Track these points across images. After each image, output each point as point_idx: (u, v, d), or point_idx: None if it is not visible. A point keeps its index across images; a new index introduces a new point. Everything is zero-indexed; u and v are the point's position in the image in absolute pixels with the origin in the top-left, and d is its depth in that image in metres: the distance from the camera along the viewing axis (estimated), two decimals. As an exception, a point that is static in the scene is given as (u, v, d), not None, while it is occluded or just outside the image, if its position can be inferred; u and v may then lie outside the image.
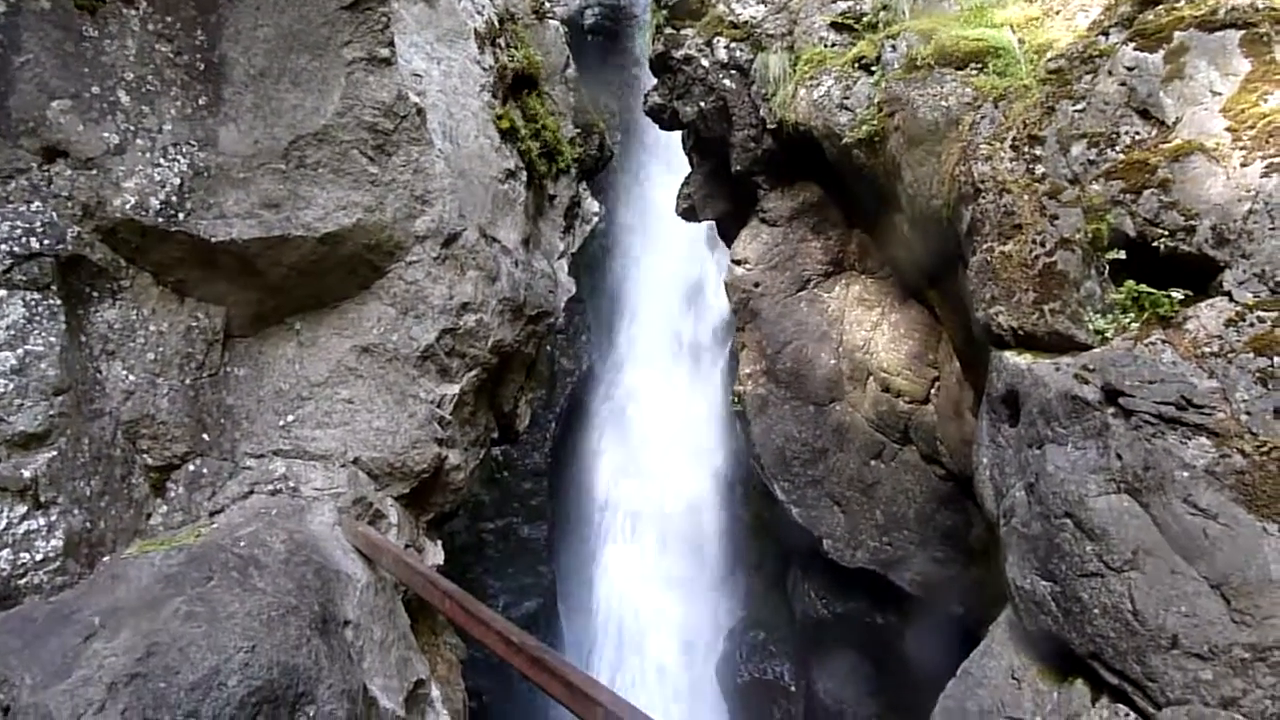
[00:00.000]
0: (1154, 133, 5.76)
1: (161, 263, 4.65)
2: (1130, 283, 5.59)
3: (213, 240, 4.65)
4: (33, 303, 4.07)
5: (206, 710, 3.18)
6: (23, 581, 3.75)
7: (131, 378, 4.58)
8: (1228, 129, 5.52)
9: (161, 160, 4.51)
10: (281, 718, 3.32)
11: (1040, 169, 6.09)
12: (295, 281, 4.96)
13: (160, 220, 4.49)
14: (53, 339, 4.09)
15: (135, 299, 4.71)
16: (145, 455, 4.62)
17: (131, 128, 4.43)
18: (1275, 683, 4.37)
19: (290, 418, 4.99)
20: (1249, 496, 4.70)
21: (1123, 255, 5.75)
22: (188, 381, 4.75)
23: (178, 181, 4.56)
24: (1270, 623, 4.44)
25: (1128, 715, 4.80)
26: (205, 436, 4.77)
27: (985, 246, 6.19)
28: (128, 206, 4.40)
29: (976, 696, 5.44)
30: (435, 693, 4.77)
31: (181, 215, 4.57)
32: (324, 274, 5.02)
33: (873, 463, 9.92)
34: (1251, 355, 5.01)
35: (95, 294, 4.49)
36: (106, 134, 4.36)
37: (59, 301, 4.18)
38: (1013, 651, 5.56)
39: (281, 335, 5.14)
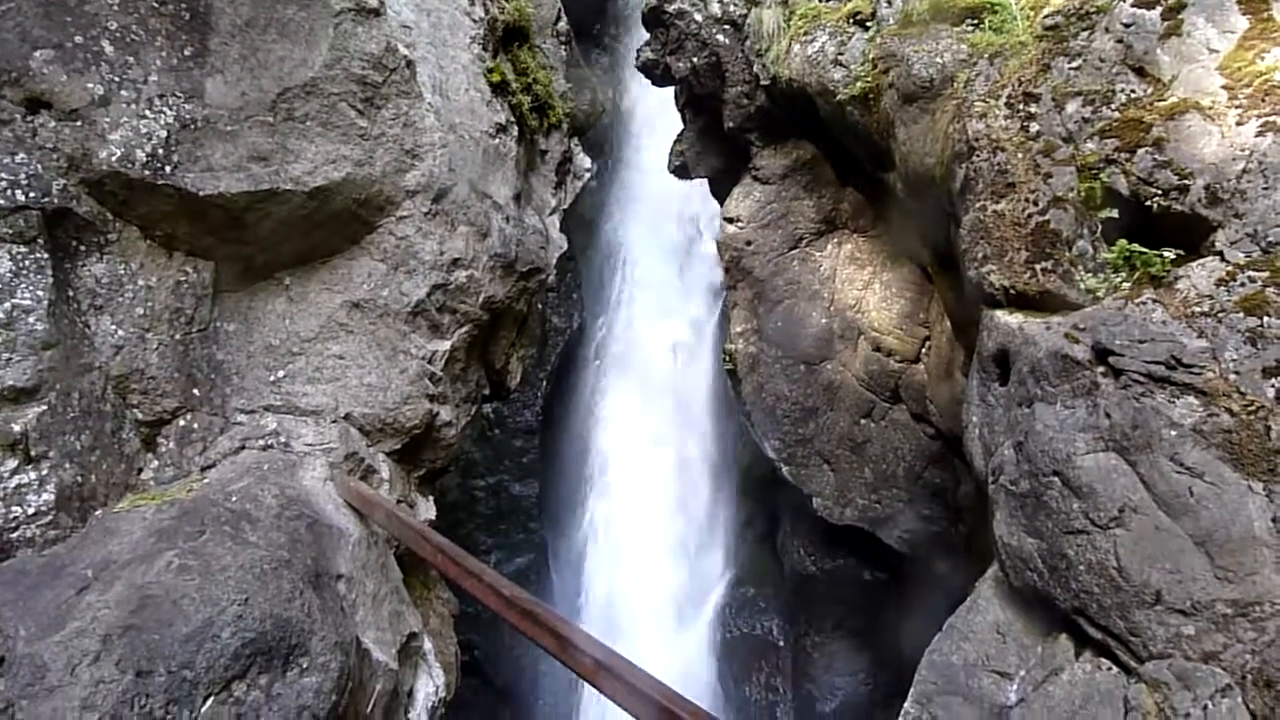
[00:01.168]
0: (1149, 91, 5.73)
1: (149, 216, 4.60)
2: (1122, 242, 5.59)
3: (200, 194, 4.60)
4: (19, 256, 4.03)
5: (200, 661, 3.21)
6: (15, 535, 3.75)
7: (120, 332, 4.55)
8: (1224, 87, 5.49)
9: (147, 112, 4.44)
10: (275, 669, 3.35)
11: (1035, 127, 6.05)
12: (285, 236, 4.92)
13: (147, 173, 4.43)
14: (40, 293, 4.05)
15: (123, 253, 4.66)
16: (135, 410, 4.60)
17: (116, 79, 4.36)
18: (1256, 637, 4.44)
19: (281, 373, 4.97)
20: (1235, 455, 4.74)
21: (1115, 214, 5.74)
22: (177, 336, 4.72)
23: (164, 134, 4.50)
24: (1252, 579, 4.51)
25: (1110, 669, 4.88)
26: (195, 392, 4.76)
27: (978, 205, 6.17)
28: (113, 159, 4.34)
29: (962, 650, 5.52)
30: (428, 645, 4.82)
31: (168, 168, 4.51)
32: (314, 229, 4.97)
33: (863, 421, 9.97)
34: (1241, 315, 5.02)
35: (82, 248, 4.45)
36: (91, 85, 4.29)
37: (46, 255, 4.14)
38: (998, 607, 5.64)
39: (271, 290, 5.10)
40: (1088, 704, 4.75)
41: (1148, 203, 5.64)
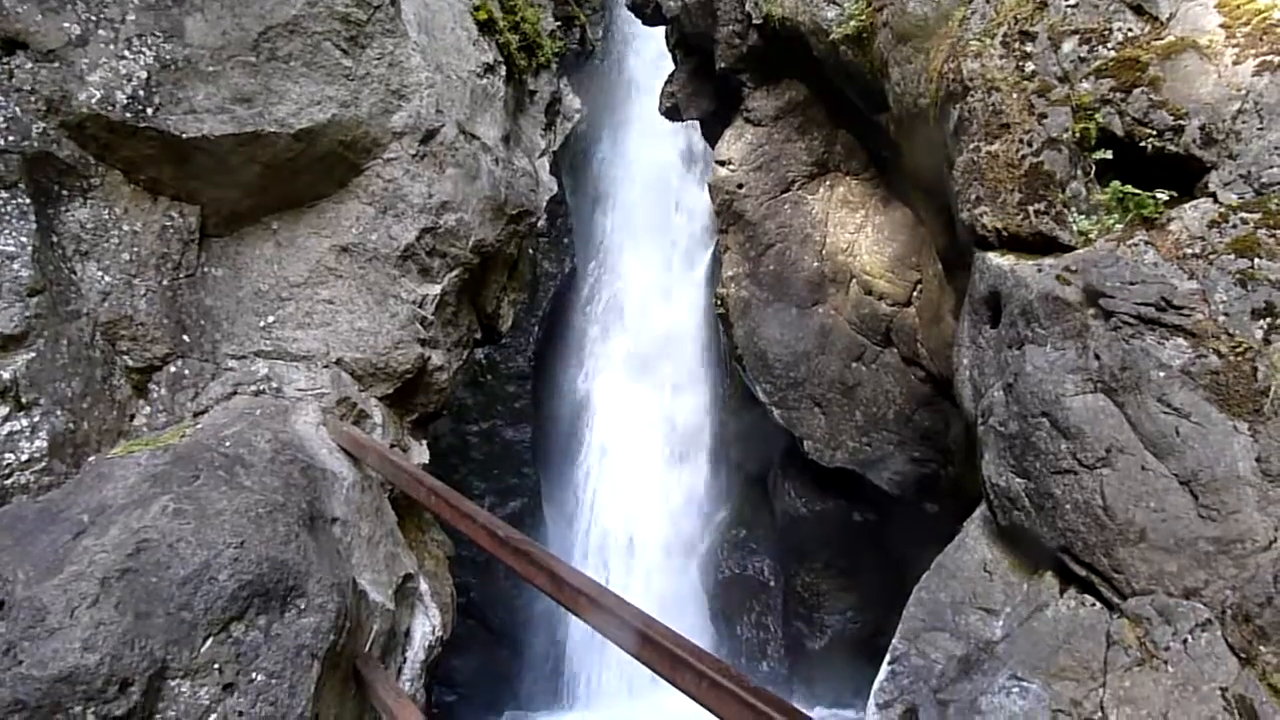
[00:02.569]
0: (1146, 29, 5.65)
1: (132, 160, 4.54)
2: (1116, 183, 5.56)
3: (183, 136, 4.53)
4: (0, 202, 3.98)
5: (199, 603, 3.25)
6: (9, 482, 3.77)
7: (107, 278, 4.52)
8: (1221, 25, 5.43)
9: (126, 52, 4.35)
10: (273, 610, 3.39)
11: (1030, 66, 5.98)
12: (271, 180, 4.86)
13: (128, 115, 4.36)
14: (24, 239, 4.01)
15: (107, 198, 4.61)
16: (125, 357, 4.59)
17: (93, 18, 4.26)
18: (1237, 573, 4.53)
19: (271, 318, 4.95)
20: (1222, 396, 4.79)
21: (1110, 155, 5.70)
22: (165, 282, 4.69)
23: (144, 75, 4.41)
24: (1235, 517, 4.59)
25: (1094, 605, 4.98)
26: (185, 338, 4.74)
27: (972, 146, 6.12)
28: (93, 101, 4.26)
29: (949, 588, 5.62)
30: (424, 587, 4.88)
31: (150, 110, 4.43)
32: (300, 172, 4.91)
33: (854, 365, 10.01)
34: (1233, 256, 5.03)
35: (65, 193, 4.39)
36: (67, 24, 4.19)
37: (28, 200, 4.08)
38: (986, 546, 5.73)
39: (259, 235, 5.06)
40: (1071, 638, 4.86)
41: (1142, 144, 5.60)
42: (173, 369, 4.71)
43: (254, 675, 3.28)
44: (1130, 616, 4.77)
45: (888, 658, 5.58)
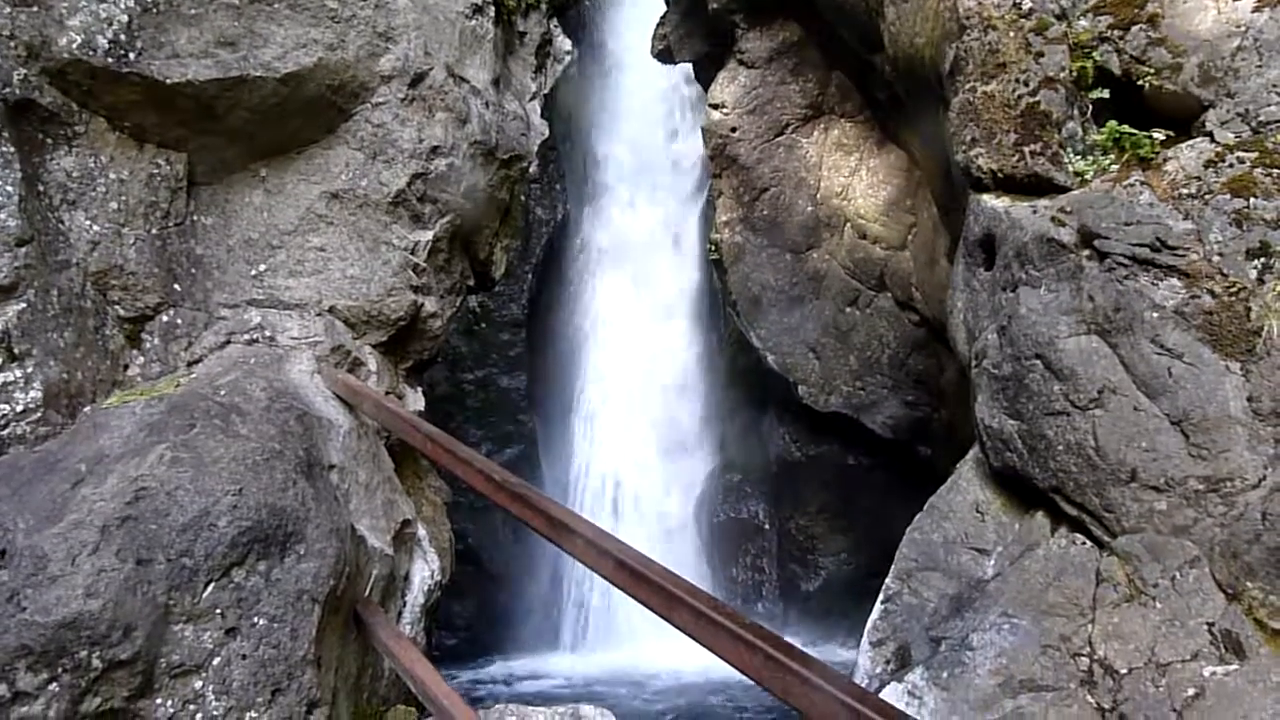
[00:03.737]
0: (1147, -37, 5.56)
1: (116, 106, 4.46)
2: (1112, 123, 5.52)
3: (167, 82, 4.45)
4: (-16, 149, 3.92)
5: (199, 550, 3.28)
6: (5, 432, 3.77)
7: (96, 228, 4.48)
8: (1223, -41, 5.34)
9: (106, -5, 4.26)
10: (273, 556, 3.42)
11: (1027, 4, 5.89)
12: (258, 126, 4.79)
13: (110, 60, 4.28)
14: (9, 188, 3.96)
15: (92, 145, 4.54)
16: (117, 306, 4.57)
17: (71, -42, 4.16)
18: (1226, 511, 4.59)
19: (262, 267, 4.92)
20: (1215, 336, 4.80)
21: (1106, 94, 5.65)
22: (154, 231, 4.64)
23: (125, 19, 4.32)
24: (1224, 456, 4.63)
25: (1084, 543, 5.05)
26: (177, 287, 4.71)
27: (968, 86, 6.04)
28: (74, 46, 4.18)
29: (942, 529, 5.69)
30: (422, 532, 4.93)
31: (132, 55, 4.35)
32: (287, 117, 4.84)
33: (848, 309, 10.01)
34: (1228, 196, 5.01)
35: (49, 141, 4.33)
36: (44, -35, 4.09)
37: (12, 149, 4.02)
38: (978, 487, 5.79)
39: (247, 182, 5.00)
40: (1061, 576, 4.94)
41: (1139, 82, 5.54)
42: (165, 318, 4.69)
43: (256, 619, 3.31)
44: (1120, 554, 4.85)
45: (880, 597, 5.68)
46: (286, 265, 4.96)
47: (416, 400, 5.45)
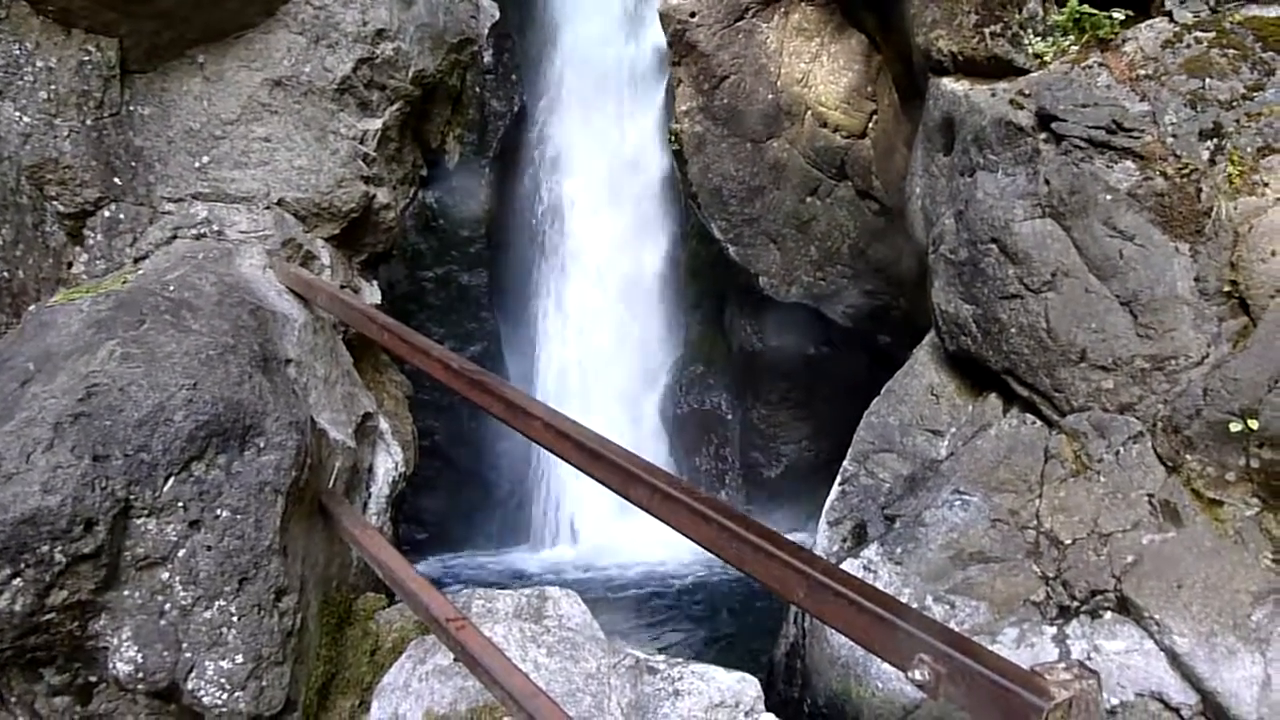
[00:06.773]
0: None
1: (38, -12, 4.23)
2: (1073, 2, 5.44)
3: (92, -40, 4.21)
4: (-102, 34, 3.71)
5: (157, 444, 3.26)
6: (-53, 332, 3.69)
7: (26, 119, 4.30)
8: None
9: None
10: (233, 449, 3.42)
11: (993, -126, 5.70)
12: (191, 8, 4.55)
13: (27, -65, 4.03)
14: (-71, 76, 3.77)
15: (15, 31, 4.32)
16: (55, 202, 4.43)
17: None
18: (1170, 389, 4.73)
19: (205, 159, 4.76)
20: (1165, 218, 4.86)
21: (1069, -29, 5.54)
22: (88, 122, 4.46)
23: (41, -111, 4.06)
24: (1170, 335, 4.75)
25: (1034, 423, 5.20)
26: (117, 180, 4.56)
27: (930, -36, 5.90)
28: (-13, -80, 3.93)
29: (898, 412, 5.82)
30: (384, 425, 4.94)
31: (52, -70, 4.10)
32: (222, -1, 4.62)
33: (809, 199, 9.96)
34: (1185, 77, 5.00)
35: (-32, 27, 4.11)
36: None
37: (-72, 33, 3.82)
38: (933, 371, 5.91)
39: (185, 70, 4.79)
40: (1011, 454, 5.10)
41: (1099, -43, 5.43)
42: (107, 214, 4.55)
43: (219, 511, 3.33)
44: (1068, 432, 5.00)
45: (838, 479, 5.83)
46: (231, 157, 4.81)
47: (373, 294, 5.39)
